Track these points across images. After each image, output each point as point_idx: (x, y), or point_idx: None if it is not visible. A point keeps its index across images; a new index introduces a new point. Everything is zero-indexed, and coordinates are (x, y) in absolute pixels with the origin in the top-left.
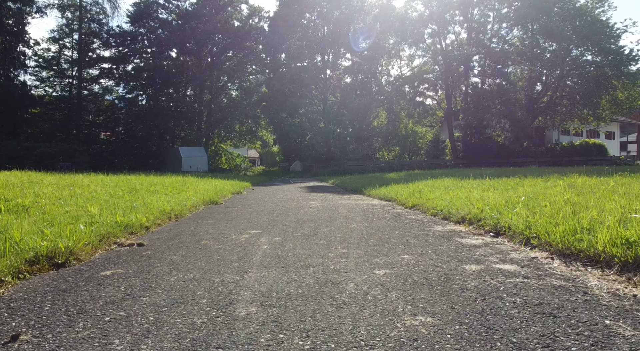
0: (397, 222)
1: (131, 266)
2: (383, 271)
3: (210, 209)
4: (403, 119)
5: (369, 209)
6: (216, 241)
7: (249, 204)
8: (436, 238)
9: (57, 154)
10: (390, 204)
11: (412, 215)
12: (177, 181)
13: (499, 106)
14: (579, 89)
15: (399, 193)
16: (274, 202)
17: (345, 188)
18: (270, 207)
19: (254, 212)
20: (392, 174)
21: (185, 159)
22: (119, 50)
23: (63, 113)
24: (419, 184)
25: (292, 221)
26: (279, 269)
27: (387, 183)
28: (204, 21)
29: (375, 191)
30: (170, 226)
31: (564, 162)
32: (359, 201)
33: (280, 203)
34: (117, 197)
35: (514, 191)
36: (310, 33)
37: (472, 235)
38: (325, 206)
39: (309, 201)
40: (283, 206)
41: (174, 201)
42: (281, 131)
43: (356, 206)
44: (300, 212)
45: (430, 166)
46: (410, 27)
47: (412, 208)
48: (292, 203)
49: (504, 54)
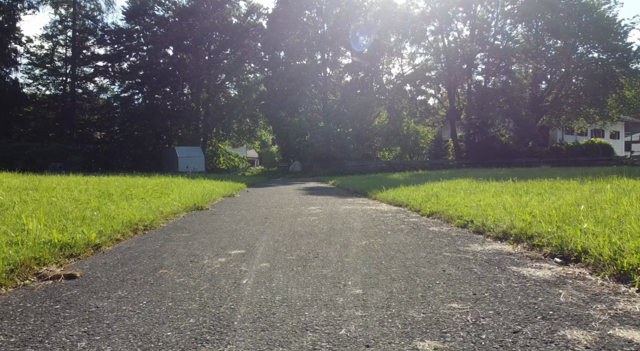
0: (418, 237)
1: (24, 325)
2: (430, 344)
3: (191, 217)
4: (405, 118)
5: (380, 218)
6: (180, 269)
7: (239, 210)
8: (482, 265)
9: (49, 154)
10: (402, 210)
11: (435, 226)
12: (163, 182)
13: (504, 104)
14: (584, 87)
15: (411, 197)
16: (268, 207)
17: (348, 190)
18: (262, 214)
19: (242, 221)
20: (396, 174)
21: (182, 159)
22: (114, 48)
23: (56, 112)
24: (432, 187)
25: (286, 235)
26: (256, 336)
27: (394, 184)
28: (201, 18)
29: (383, 194)
30: (131, 242)
31: (569, 162)
32: (365, 206)
33: (275, 209)
34: (80, 204)
35: (553, 196)
36: (309, 30)
37: (530, 261)
38: (326, 212)
39: (308, 206)
40: (278, 212)
41: (148, 208)
42: (280, 131)
43: (363, 213)
44: (297, 221)
45: (433, 166)
46: (412, 24)
47: (430, 216)
48: (289, 209)
49: (508, 51)
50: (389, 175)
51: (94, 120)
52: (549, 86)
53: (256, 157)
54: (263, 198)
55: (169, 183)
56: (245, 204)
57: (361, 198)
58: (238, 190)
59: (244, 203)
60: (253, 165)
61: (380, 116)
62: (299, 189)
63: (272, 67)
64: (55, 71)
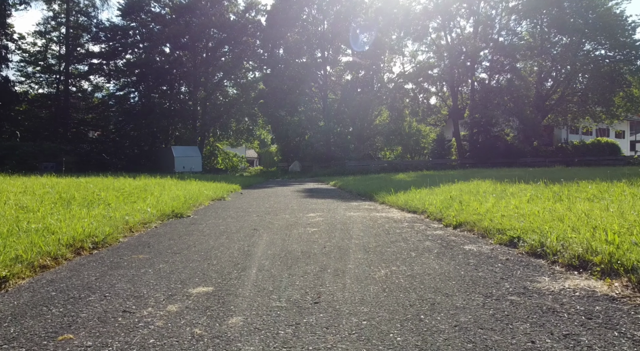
0: (456, 262)
1: None
2: None
3: (164, 228)
4: (407, 116)
5: (394, 230)
6: (96, 331)
7: (225, 218)
8: (585, 326)
9: (40, 154)
10: (419, 219)
11: (470, 244)
12: (146, 184)
13: (509, 102)
14: (591, 85)
15: (426, 202)
16: (260, 214)
17: (351, 192)
18: (251, 224)
19: (224, 234)
20: (401, 175)
21: (178, 159)
22: (109, 45)
23: (50, 111)
24: (448, 189)
25: (276, 258)
26: None
27: (402, 186)
28: (198, 15)
29: (392, 198)
30: (60, 271)
31: (575, 162)
32: (374, 212)
33: (268, 216)
34: (27, 212)
35: (611, 203)
36: (309, 28)
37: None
38: (328, 221)
39: (307, 213)
40: (270, 221)
41: (109, 218)
42: (279, 130)
43: (373, 223)
44: (292, 235)
45: (436, 166)
46: (414, 21)
47: (458, 228)
48: (284, 216)
49: (513, 48)
50: (393, 175)
51: (89, 119)
52: (554, 83)
53: (255, 157)
54: (256, 202)
55: (154, 184)
56: (235, 209)
57: (367, 201)
58: (230, 192)
59: (233, 208)
60: (252, 165)
61: (382, 115)
62: (298, 190)
63: (271, 65)
64: (49, 69)
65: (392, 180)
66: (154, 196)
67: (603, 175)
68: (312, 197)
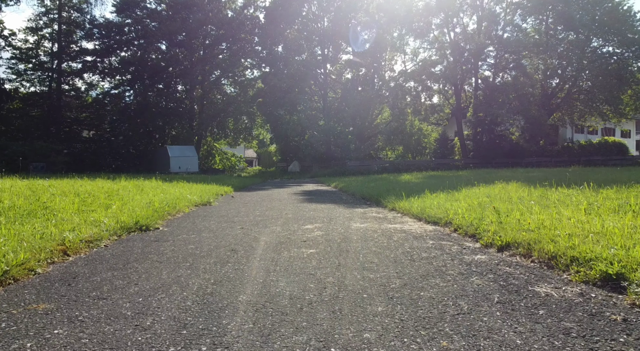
0: (544, 328)
1: None
2: None
3: (115, 248)
4: (409, 115)
5: (420, 253)
6: None
7: (200, 233)
8: None
9: (30, 154)
10: (444, 233)
11: (542, 283)
12: (118, 188)
13: (514, 100)
14: (598, 83)
15: (449, 210)
16: (245, 226)
17: (354, 196)
18: (229, 243)
19: (186, 261)
20: (406, 175)
21: (174, 159)
22: (104, 42)
23: (42, 109)
24: (469, 194)
25: (248, 317)
26: None
27: (412, 189)
28: (195, 11)
29: (404, 204)
30: None
31: (582, 162)
32: (385, 223)
33: (255, 229)
34: None
35: None
36: (309, 24)
37: None
38: (330, 237)
39: (303, 224)
40: (256, 237)
41: (39, 236)
42: (278, 129)
43: (387, 241)
44: (280, 263)
45: (439, 166)
46: (416, 17)
47: (505, 251)
48: (274, 230)
49: (518, 44)
50: (397, 176)
51: (82, 118)
52: (560, 81)
53: (255, 157)
54: (246, 208)
55: (131, 187)
56: (218, 218)
57: (373, 207)
58: (220, 195)
59: (216, 217)
60: (251, 165)
61: (383, 114)
62: (296, 193)
63: (270, 63)
64: (41, 66)
65: (398, 182)
66: (123, 202)
67: (638, 177)
68: (311, 201)
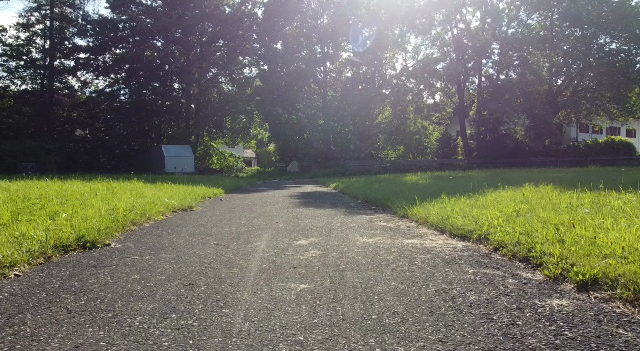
0: None
1: None
2: None
3: (26, 280)
4: (410, 114)
5: (462, 291)
6: None
7: (159, 252)
8: None
9: (20, 153)
10: (480, 253)
11: None
12: (85, 191)
13: (519, 98)
14: (605, 81)
15: (478, 219)
16: (222, 241)
17: (356, 199)
18: (191, 270)
19: (115, 304)
20: (411, 176)
21: (169, 159)
22: (97, 39)
23: (34, 108)
24: (498, 199)
25: None
26: None
27: (422, 192)
28: (191, 7)
29: (419, 211)
30: None
31: (588, 162)
32: (399, 236)
33: (232, 246)
34: None
35: None
36: (308, 21)
37: None
38: (329, 261)
39: (296, 238)
40: (229, 261)
41: None
42: (277, 128)
43: (410, 268)
44: (253, 310)
45: (442, 166)
46: (418, 13)
47: (594, 291)
48: (258, 247)
49: (524, 40)
50: (401, 177)
51: (75, 117)
52: (566, 79)
53: (253, 157)
54: (232, 214)
55: (103, 189)
56: (192, 229)
57: (381, 213)
58: (207, 199)
59: (191, 227)
60: (250, 165)
61: (384, 113)
62: (292, 195)
63: (268, 61)
64: (33, 64)
65: (404, 183)
66: (77, 209)
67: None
68: (308, 206)
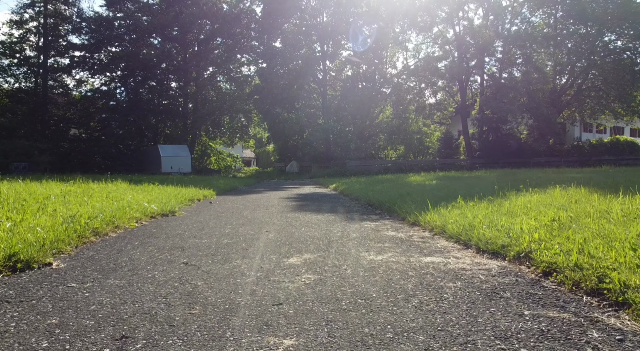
0: None
1: None
2: None
3: None
4: (411, 113)
5: None
6: None
7: (107, 277)
8: None
9: (12, 153)
10: (527, 278)
11: None
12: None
13: (523, 97)
14: (610, 79)
15: (510, 229)
16: (194, 260)
17: (358, 201)
18: (139, 307)
19: None
20: (415, 176)
21: (166, 159)
22: (93, 37)
23: (27, 106)
24: (522, 203)
25: None
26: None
27: (432, 195)
28: (189, 5)
29: (433, 218)
30: None
31: (593, 162)
32: (414, 251)
33: (204, 268)
34: None
35: None
36: (308, 19)
37: None
38: (329, 294)
39: (287, 256)
40: (192, 291)
41: None
42: (276, 128)
43: (439, 306)
44: None
45: (444, 166)
46: (419, 11)
47: None
48: (236, 270)
49: (528, 37)
50: (404, 177)
51: (70, 115)
52: (570, 77)
53: (253, 157)
54: (218, 221)
55: (74, 192)
56: (163, 241)
57: (387, 219)
58: (196, 201)
59: (163, 239)
60: (249, 165)
61: (384, 112)
62: (289, 197)
63: (267, 59)
64: (26, 62)
65: (409, 184)
66: (26, 217)
67: None
68: (305, 210)
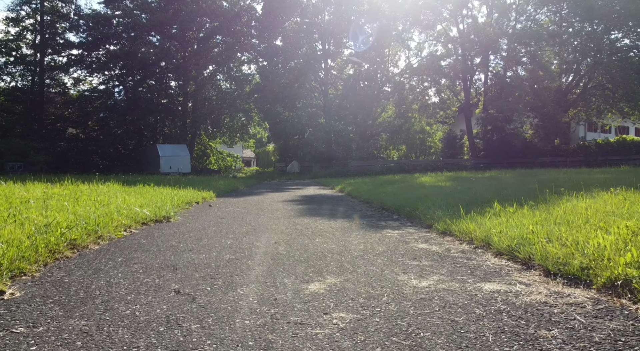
0: None
1: None
2: None
3: None
4: (415, 112)
5: None
6: None
7: (80, 309)
8: None
9: (7, 153)
10: None
11: None
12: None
13: (528, 95)
14: (617, 78)
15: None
16: (188, 285)
17: (369, 204)
18: None
19: None
20: (423, 177)
21: (164, 159)
22: (91, 35)
23: (24, 105)
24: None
25: None
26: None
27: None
28: (188, 2)
29: (467, 226)
30: None
31: (598, 162)
32: (464, 274)
33: (200, 299)
34: None
35: None
36: (309, 16)
37: None
38: None
39: (305, 279)
40: (177, 347)
41: None
42: (276, 127)
43: None
44: None
45: (448, 166)
46: (422, 8)
47: None
48: (242, 298)
49: (533, 35)
50: (412, 178)
51: (67, 115)
52: (576, 76)
53: (253, 157)
54: (218, 228)
55: (64, 194)
56: (153, 257)
57: (410, 227)
58: (194, 204)
59: (153, 253)
60: (249, 165)
61: (387, 111)
62: (294, 200)
63: (268, 57)
64: (23, 60)
65: (422, 185)
66: None
67: None
68: (314, 215)
